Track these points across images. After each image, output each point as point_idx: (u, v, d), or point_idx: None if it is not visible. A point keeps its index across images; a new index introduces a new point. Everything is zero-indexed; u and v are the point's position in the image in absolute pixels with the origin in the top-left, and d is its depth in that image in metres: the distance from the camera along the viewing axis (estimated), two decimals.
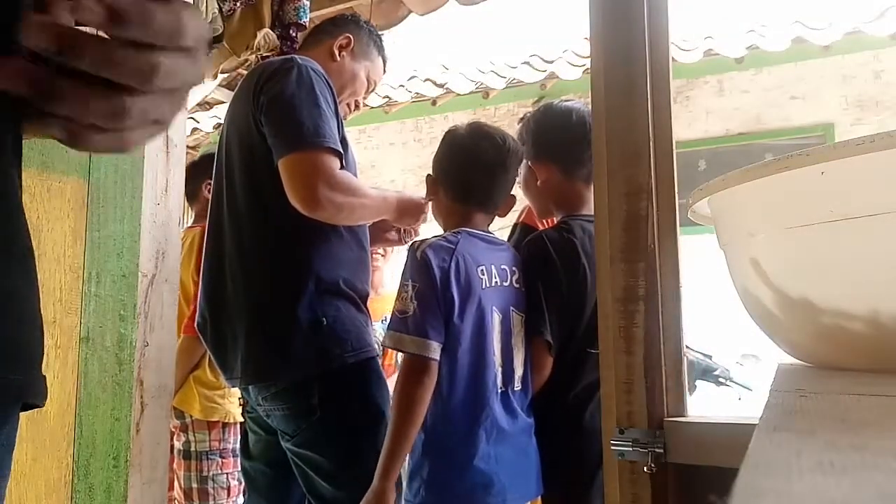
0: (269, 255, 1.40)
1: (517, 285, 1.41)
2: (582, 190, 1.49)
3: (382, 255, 2.66)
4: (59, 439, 1.11)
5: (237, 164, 1.45)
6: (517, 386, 1.36)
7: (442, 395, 1.29)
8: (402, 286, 1.31)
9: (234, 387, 1.56)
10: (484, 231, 1.44)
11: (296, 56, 1.50)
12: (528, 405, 1.38)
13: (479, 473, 1.26)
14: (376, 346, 1.50)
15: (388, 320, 1.34)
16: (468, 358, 1.30)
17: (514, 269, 1.42)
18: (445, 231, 1.43)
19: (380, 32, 1.75)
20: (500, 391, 1.32)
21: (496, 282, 1.36)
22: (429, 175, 1.49)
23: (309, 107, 1.35)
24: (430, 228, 1.80)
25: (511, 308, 1.38)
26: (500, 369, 1.33)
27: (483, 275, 1.34)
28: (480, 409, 1.29)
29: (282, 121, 1.35)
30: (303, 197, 1.32)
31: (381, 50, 1.70)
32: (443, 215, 1.48)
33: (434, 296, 1.28)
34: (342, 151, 1.37)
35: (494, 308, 1.34)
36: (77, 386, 1.13)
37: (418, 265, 1.30)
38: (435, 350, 1.26)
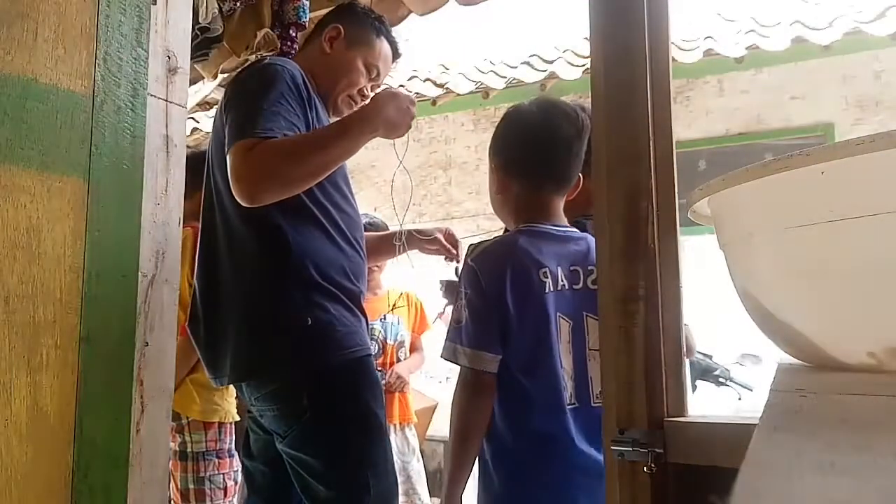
0: (255, 255, 1.39)
1: (594, 287, 1.22)
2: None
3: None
4: (59, 439, 1.11)
5: (217, 165, 1.45)
6: (596, 401, 1.20)
7: (506, 410, 1.20)
8: (458, 294, 1.24)
9: (220, 385, 1.56)
10: (556, 223, 1.29)
11: (268, 56, 1.51)
12: None
13: (552, 495, 1.17)
14: (371, 344, 1.49)
15: (445, 330, 1.25)
16: (529, 370, 1.19)
17: (590, 268, 1.25)
18: (516, 224, 1.30)
19: (380, 15, 1.67)
20: (570, 407, 1.19)
21: (563, 285, 1.22)
22: (495, 166, 1.33)
23: (248, 103, 1.34)
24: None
25: (585, 314, 1.23)
26: (570, 383, 1.20)
27: (545, 278, 1.21)
28: (548, 427, 1.17)
29: (230, 121, 1.36)
30: (237, 195, 1.31)
31: (380, 33, 1.61)
32: (514, 209, 1.32)
33: (486, 306, 1.19)
34: (277, 133, 1.30)
35: (561, 315, 1.21)
36: (77, 386, 1.13)
37: (469, 273, 1.22)
38: (490, 362, 1.18)
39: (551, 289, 1.22)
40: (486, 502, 1.23)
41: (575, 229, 1.33)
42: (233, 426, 2.13)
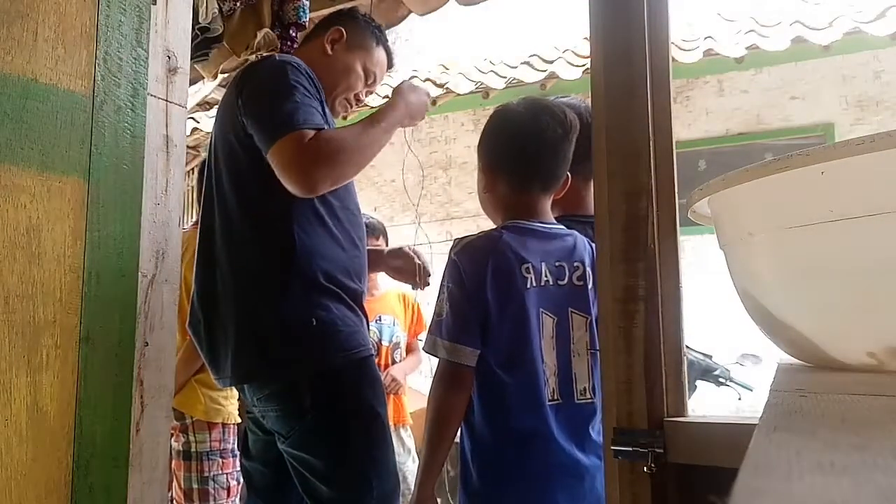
0: (256, 254, 1.39)
1: (579, 283, 1.25)
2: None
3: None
4: (59, 439, 1.11)
5: (223, 164, 1.45)
6: (580, 398, 1.22)
7: (486, 405, 1.21)
8: (440, 288, 1.25)
9: (224, 386, 1.56)
10: (543, 221, 1.30)
11: (276, 54, 1.51)
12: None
13: (530, 490, 1.17)
14: (371, 345, 1.49)
15: (429, 323, 1.27)
16: (508, 366, 1.19)
17: (576, 264, 1.26)
18: (503, 223, 1.30)
19: (380, 24, 1.70)
20: (552, 404, 1.19)
21: (546, 281, 1.23)
22: (482, 165, 1.35)
23: (281, 98, 1.34)
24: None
25: (570, 310, 1.24)
26: (553, 379, 1.20)
27: (528, 273, 1.21)
28: (527, 422, 1.18)
29: (258, 118, 1.36)
30: (296, 186, 1.32)
31: (379, 41, 1.64)
32: (502, 208, 1.32)
33: (466, 299, 1.19)
34: (322, 125, 1.34)
35: (543, 311, 1.22)
36: (77, 386, 1.13)
37: (451, 266, 1.23)
38: (468, 356, 1.18)
39: (534, 284, 1.22)
40: (465, 498, 1.23)
41: (562, 226, 1.33)
42: (236, 427, 2.13)
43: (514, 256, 1.22)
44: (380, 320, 2.73)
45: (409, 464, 2.74)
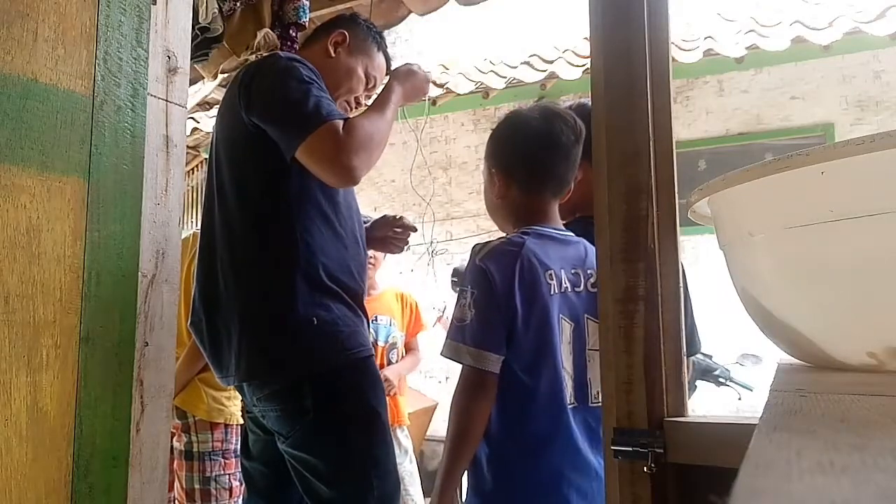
0: (258, 253, 1.39)
1: (594, 290, 1.27)
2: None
3: (373, 260, 2.66)
4: (59, 439, 1.11)
5: (225, 163, 1.45)
6: (594, 401, 1.24)
7: (506, 409, 1.21)
8: (462, 292, 1.24)
9: (227, 385, 1.56)
10: (555, 226, 1.32)
11: (279, 53, 1.51)
12: None
13: (546, 494, 1.18)
14: (371, 345, 1.49)
15: (447, 328, 1.25)
16: (532, 370, 1.20)
17: (590, 271, 1.29)
18: (515, 228, 1.32)
19: (380, 31, 1.74)
20: (570, 407, 1.21)
21: (566, 287, 1.25)
22: (495, 171, 1.35)
23: (300, 93, 1.35)
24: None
25: (586, 316, 1.27)
26: (570, 383, 1.22)
27: (551, 280, 1.23)
28: (549, 426, 1.19)
29: (280, 116, 1.36)
30: (338, 176, 1.33)
31: (380, 46, 1.68)
32: (513, 213, 1.34)
33: (494, 305, 1.19)
34: (345, 115, 1.37)
35: (563, 317, 1.23)
36: (77, 386, 1.13)
37: (477, 272, 1.22)
38: (493, 362, 1.18)
39: (556, 291, 1.23)
40: (476, 500, 1.23)
41: (571, 233, 1.34)
42: (239, 427, 2.13)
43: (538, 263, 1.22)
44: (376, 320, 2.73)
45: (405, 465, 2.74)
